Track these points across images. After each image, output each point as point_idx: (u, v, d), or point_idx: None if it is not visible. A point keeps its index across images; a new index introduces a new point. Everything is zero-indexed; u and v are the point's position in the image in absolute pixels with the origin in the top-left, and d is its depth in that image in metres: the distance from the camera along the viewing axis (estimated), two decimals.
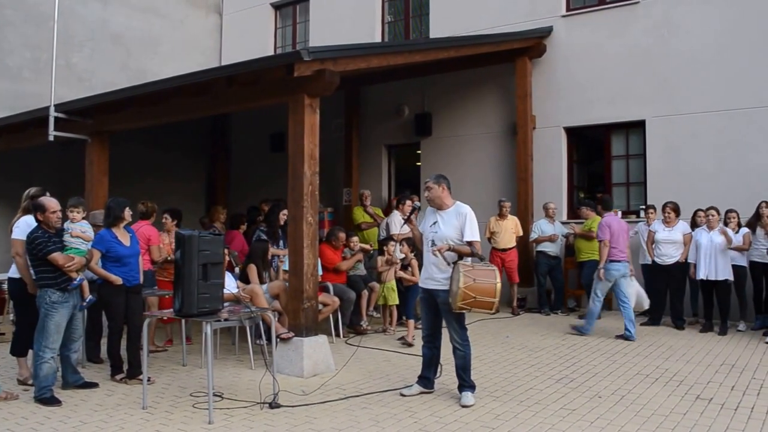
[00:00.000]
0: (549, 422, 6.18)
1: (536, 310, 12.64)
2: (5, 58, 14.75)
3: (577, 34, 13.42)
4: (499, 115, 14.18)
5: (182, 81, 9.29)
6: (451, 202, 7.02)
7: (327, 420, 6.29)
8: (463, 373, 6.91)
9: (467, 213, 6.85)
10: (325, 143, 8.91)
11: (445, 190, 7.01)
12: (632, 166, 13.14)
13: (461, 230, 6.77)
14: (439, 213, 6.96)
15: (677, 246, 10.96)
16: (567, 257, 12.78)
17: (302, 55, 7.83)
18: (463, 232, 6.76)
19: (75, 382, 7.45)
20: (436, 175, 7.12)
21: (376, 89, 15.47)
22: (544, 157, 13.56)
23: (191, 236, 6.55)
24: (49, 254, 6.93)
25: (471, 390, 6.88)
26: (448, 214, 6.90)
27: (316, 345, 8.15)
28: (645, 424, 6.12)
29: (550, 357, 8.90)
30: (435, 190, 6.97)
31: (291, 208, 8.42)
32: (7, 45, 14.79)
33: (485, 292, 6.46)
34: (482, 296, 6.47)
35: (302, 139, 8.21)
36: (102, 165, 11.01)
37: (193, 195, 17.33)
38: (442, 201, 6.98)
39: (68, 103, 10.96)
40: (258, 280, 9.28)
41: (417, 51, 10.86)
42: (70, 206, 7.63)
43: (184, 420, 6.31)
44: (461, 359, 6.88)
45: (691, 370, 8.12)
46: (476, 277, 6.47)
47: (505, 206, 12.62)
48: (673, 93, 12.36)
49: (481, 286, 6.46)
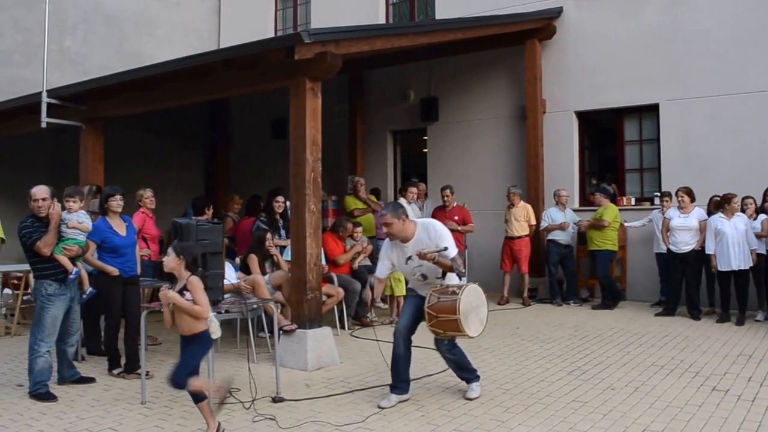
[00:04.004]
0: (561, 415, 6.06)
1: (548, 300, 12.43)
2: None
3: (588, 15, 13.15)
4: (508, 99, 13.95)
5: (179, 65, 9.14)
6: (413, 227, 6.42)
7: (332, 414, 6.16)
8: (461, 372, 6.63)
9: (435, 226, 6.36)
10: (328, 129, 8.77)
11: (404, 220, 6.37)
12: (646, 151, 12.90)
13: (437, 244, 6.21)
14: (407, 245, 6.39)
15: (693, 233, 10.69)
16: (579, 246, 12.53)
17: (303, 37, 7.67)
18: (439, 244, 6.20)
19: (71, 376, 7.29)
20: (392, 205, 6.54)
21: (381, 73, 15.26)
22: (555, 142, 13.32)
23: (189, 225, 6.37)
24: (34, 243, 6.73)
25: (477, 380, 6.64)
26: (417, 241, 6.32)
27: (320, 337, 8.01)
28: (659, 416, 6.01)
29: (561, 348, 8.74)
30: (396, 224, 6.30)
31: (293, 196, 8.27)
32: None
33: (450, 328, 6.08)
34: (450, 331, 6.13)
35: (304, 124, 8.06)
36: (97, 152, 10.89)
37: (191, 183, 17.04)
38: (405, 233, 6.37)
39: (61, 89, 10.81)
40: (259, 270, 9.06)
41: (422, 33, 10.67)
42: (66, 196, 7.43)
43: (184, 415, 6.19)
44: (453, 362, 6.60)
45: (707, 361, 7.96)
46: (439, 314, 6.09)
47: (513, 194, 12.35)
48: (688, 76, 12.08)
49: (445, 323, 6.08)
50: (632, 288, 12.36)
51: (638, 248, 12.34)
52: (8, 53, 14.56)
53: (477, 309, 6.23)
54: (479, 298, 6.29)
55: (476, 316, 6.21)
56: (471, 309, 6.14)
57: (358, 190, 12.83)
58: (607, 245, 11.55)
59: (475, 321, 6.19)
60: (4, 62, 14.48)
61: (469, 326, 6.08)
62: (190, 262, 5.45)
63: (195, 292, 5.37)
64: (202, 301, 5.39)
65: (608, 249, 11.59)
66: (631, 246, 12.44)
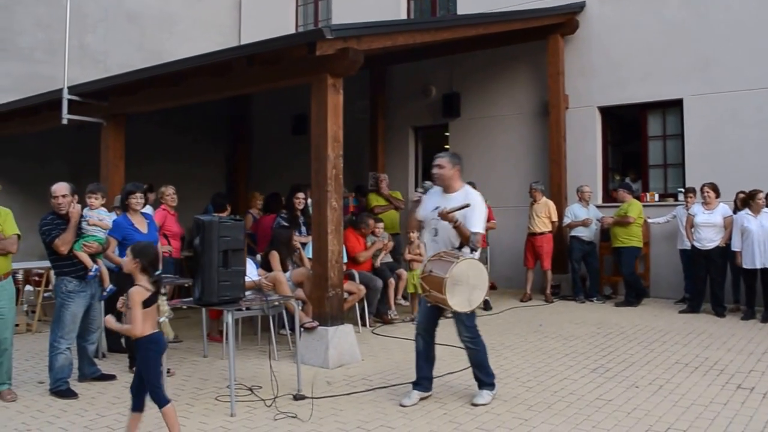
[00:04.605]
0: (584, 413, 6.01)
1: (570, 297, 12.33)
2: (17, 38, 14.59)
3: (610, 9, 13.04)
4: (531, 94, 13.86)
5: (200, 61, 9.12)
6: (460, 185, 6.45)
7: (353, 412, 6.13)
8: (479, 372, 6.44)
9: (476, 200, 6.26)
10: (349, 125, 8.72)
11: (457, 172, 6.43)
12: (669, 146, 12.76)
13: (466, 218, 6.13)
14: (445, 196, 6.39)
15: (717, 229, 10.58)
16: (602, 242, 12.45)
17: (324, 33, 7.65)
18: (466, 219, 6.13)
19: (92, 374, 7.28)
20: (451, 154, 6.56)
21: (403, 69, 15.20)
22: (578, 138, 13.22)
23: (211, 222, 6.34)
24: (52, 241, 6.75)
25: (490, 388, 6.42)
26: (454, 200, 6.26)
27: (342, 335, 7.97)
28: (684, 414, 5.97)
29: (585, 346, 8.67)
30: (447, 169, 6.38)
31: (315, 193, 8.25)
32: (19, 25, 14.63)
33: (435, 286, 5.94)
34: (433, 291, 5.97)
35: (325, 120, 8.03)
36: (118, 149, 10.91)
37: (213, 179, 17.04)
38: (450, 182, 6.40)
39: (82, 85, 10.84)
40: (281, 268, 9.04)
41: (444, 28, 10.59)
42: (88, 192, 7.44)
43: (205, 412, 6.18)
44: (475, 356, 6.41)
45: (732, 358, 7.88)
46: (432, 269, 5.99)
47: (535, 190, 12.28)
48: (712, 70, 11.94)
49: (434, 279, 5.95)
50: (656, 285, 12.26)
51: (662, 245, 12.23)
52: (29, 50, 14.63)
53: (472, 287, 5.99)
54: (480, 279, 6.05)
55: (467, 292, 5.96)
56: (464, 281, 5.92)
57: (381, 187, 12.77)
58: (632, 242, 11.48)
59: (463, 295, 5.94)
60: (26, 59, 14.54)
61: (453, 294, 5.86)
62: (146, 264, 5.27)
63: (131, 305, 5.15)
64: (133, 316, 5.13)
65: (633, 246, 11.51)
66: (654, 242, 12.33)
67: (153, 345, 5.23)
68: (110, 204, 8.67)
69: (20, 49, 14.54)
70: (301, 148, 9.95)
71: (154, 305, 5.28)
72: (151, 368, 5.21)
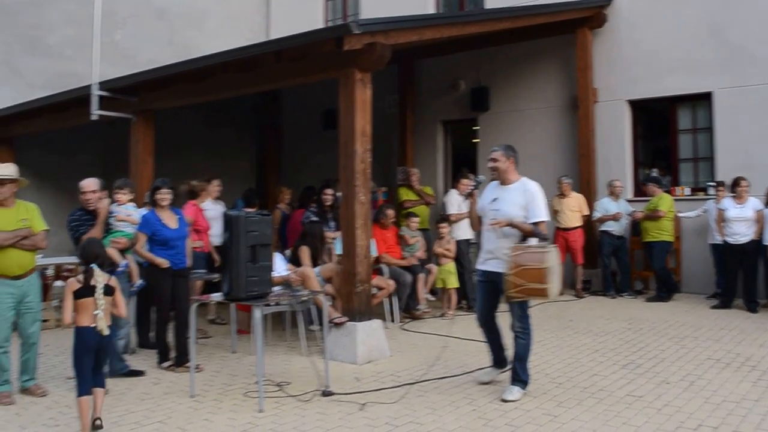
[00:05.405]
0: (614, 410, 5.95)
1: (601, 292, 12.24)
2: (46, 35, 14.69)
3: (638, 2, 12.91)
4: (559, 88, 13.76)
5: (229, 56, 9.15)
6: (517, 177, 6.50)
7: (382, 408, 6.09)
8: (518, 365, 6.40)
9: (534, 190, 6.36)
10: (378, 120, 8.69)
11: (513, 164, 6.50)
12: (700, 140, 12.62)
13: (526, 209, 6.25)
14: (502, 188, 6.47)
15: (749, 224, 10.47)
16: (633, 237, 12.34)
17: (352, 28, 7.62)
18: (527, 211, 6.26)
19: (120, 369, 7.27)
20: (505, 146, 6.60)
21: (431, 63, 15.16)
22: (607, 132, 13.12)
23: (239, 217, 6.36)
24: (80, 237, 6.78)
25: (521, 385, 6.39)
26: (512, 191, 6.38)
27: (371, 330, 7.95)
28: (715, 411, 5.90)
29: (615, 342, 8.59)
30: (501, 162, 6.46)
31: (343, 188, 8.24)
32: (48, 23, 14.73)
33: (534, 278, 5.95)
34: (532, 283, 5.96)
35: (353, 115, 8.01)
36: (147, 145, 10.94)
37: (243, 174, 17.11)
38: (507, 175, 6.47)
39: (112, 81, 10.87)
40: (310, 263, 9.04)
41: (471, 22, 10.56)
42: (116, 188, 7.47)
43: (234, 408, 6.17)
44: (521, 348, 6.39)
45: (764, 354, 7.79)
46: (524, 262, 5.97)
47: (565, 184, 12.18)
48: (743, 63, 11.79)
49: (530, 272, 5.95)
50: (687, 280, 12.15)
51: (693, 239, 12.11)
52: (59, 47, 14.73)
53: (558, 275, 6.13)
54: (558, 268, 6.17)
55: (557, 279, 6.10)
56: (556, 269, 6.07)
57: (412, 181, 12.70)
58: (663, 236, 11.37)
59: (556, 283, 6.06)
60: (56, 56, 14.65)
61: (553, 281, 5.97)
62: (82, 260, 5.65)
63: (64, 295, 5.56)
64: (63, 305, 5.55)
65: (664, 240, 11.41)
66: (685, 237, 12.21)
67: (78, 338, 5.56)
68: (140, 199, 8.72)
69: (50, 46, 14.65)
70: (331, 144, 9.91)
71: (90, 298, 5.48)
72: (75, 357, 5.59)
